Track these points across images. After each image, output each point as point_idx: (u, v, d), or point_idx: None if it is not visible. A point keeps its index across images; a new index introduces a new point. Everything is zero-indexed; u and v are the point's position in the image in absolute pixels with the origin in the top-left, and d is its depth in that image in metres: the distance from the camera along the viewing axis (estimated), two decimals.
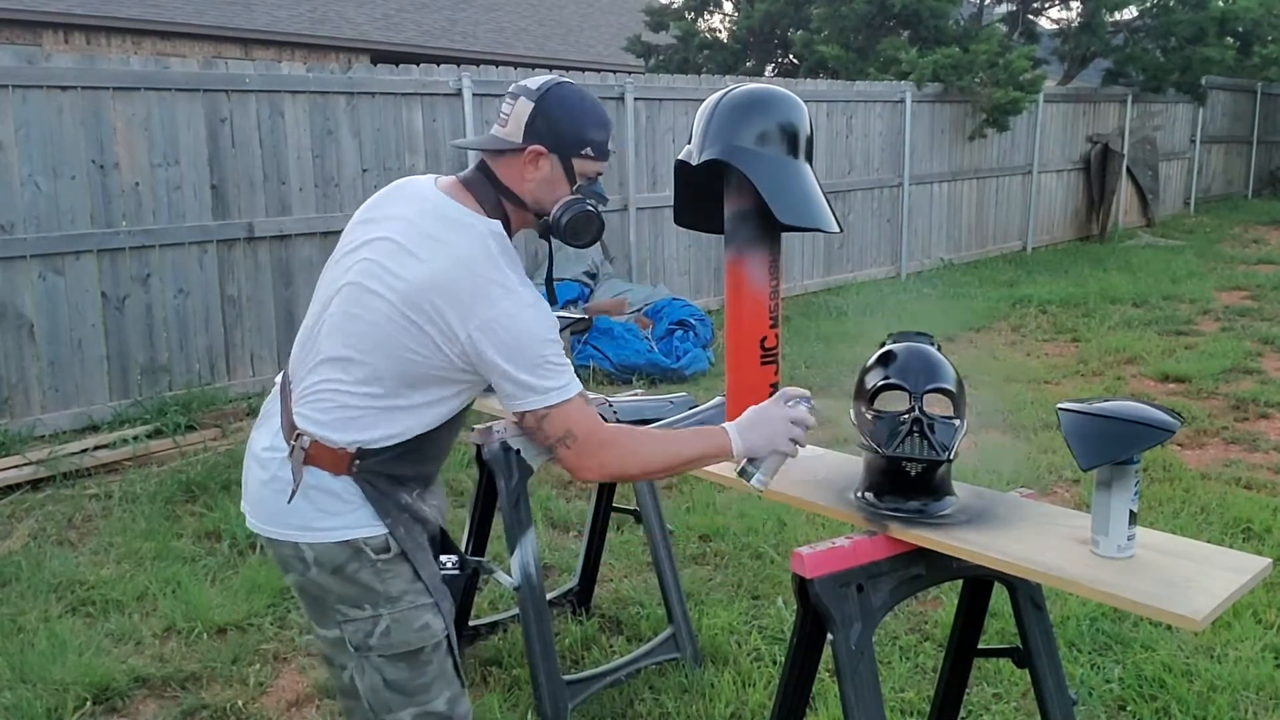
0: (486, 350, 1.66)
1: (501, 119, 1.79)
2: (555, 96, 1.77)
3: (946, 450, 1.77)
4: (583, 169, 1.79)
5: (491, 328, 1.65)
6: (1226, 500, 4.22)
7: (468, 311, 1.65)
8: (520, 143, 1.76)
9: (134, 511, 4.30)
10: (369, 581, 1.75)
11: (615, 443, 1.77)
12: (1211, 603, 1.46)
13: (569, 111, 1.77)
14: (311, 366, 1.78)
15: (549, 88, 1.77)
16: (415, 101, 6.70)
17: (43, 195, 5.25)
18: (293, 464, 1.75)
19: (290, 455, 1.75)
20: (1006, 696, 2.85)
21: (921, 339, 1.90)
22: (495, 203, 1.77)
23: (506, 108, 1.79)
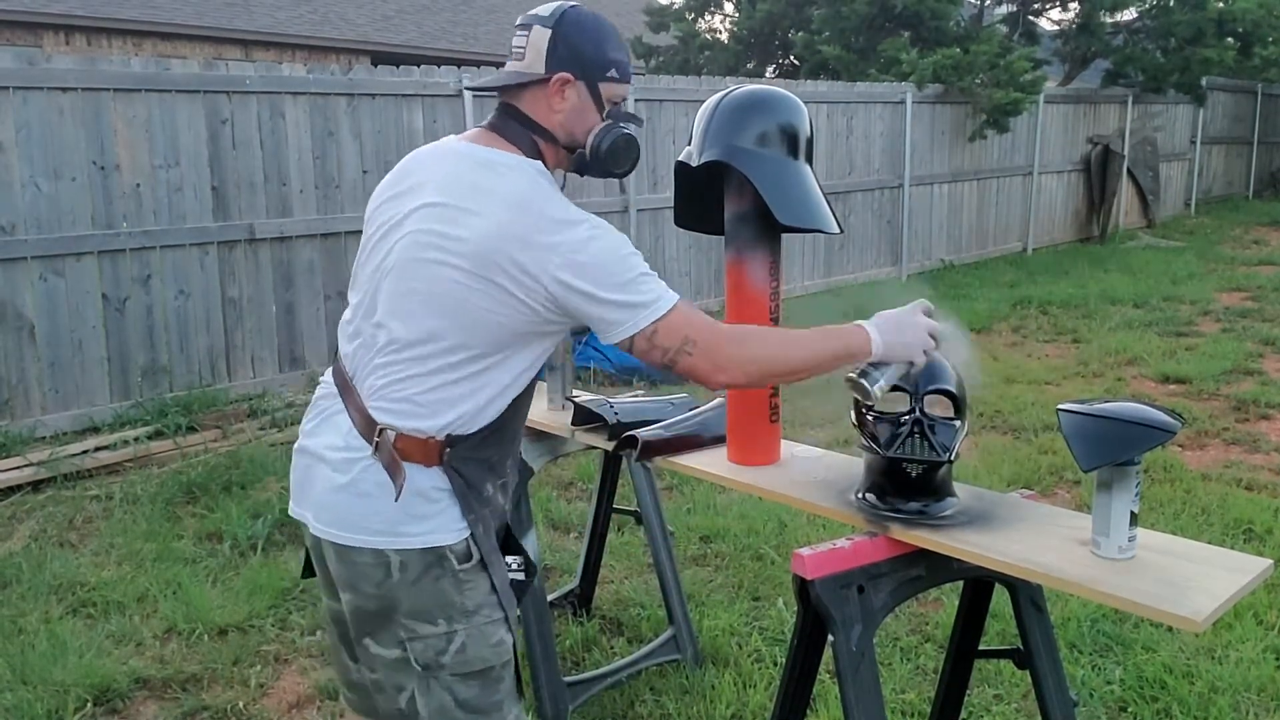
0: (576, 283, 1.55)
1: (516, 53, 1.70)
2: (571, 20, 1.68)
3: (947, 451, 1.77)
4: (609, 93, 1.71)
5: (574, 260, 1.55)
6: (1227, 501, 4.22)
7: (545, 251, 1.55)
8: (544, 72, 1.66)
9: (135, 513, 4.30)
10: (448, 593, 1.64)
11: (743, 339, 1.67)
12: (1212, 604, 1.46)
13: (588, 33, 1.68)
14: (377, 358, 1.66)
15: (563, 11, 1.68)
16: (416, 103, 6.70)
17: (43, 196, 5.25)
18: (383, 462, 1.62)
19: (376, 453, 1.63)
20: (1007, 698, 2.85)
21: None
22: (529, 143, 1.68)
23: (519, 40, 1.69)
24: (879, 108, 10.12)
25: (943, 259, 11.16)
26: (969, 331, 1.80)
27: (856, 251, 10.17)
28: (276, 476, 4.70)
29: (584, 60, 1.67)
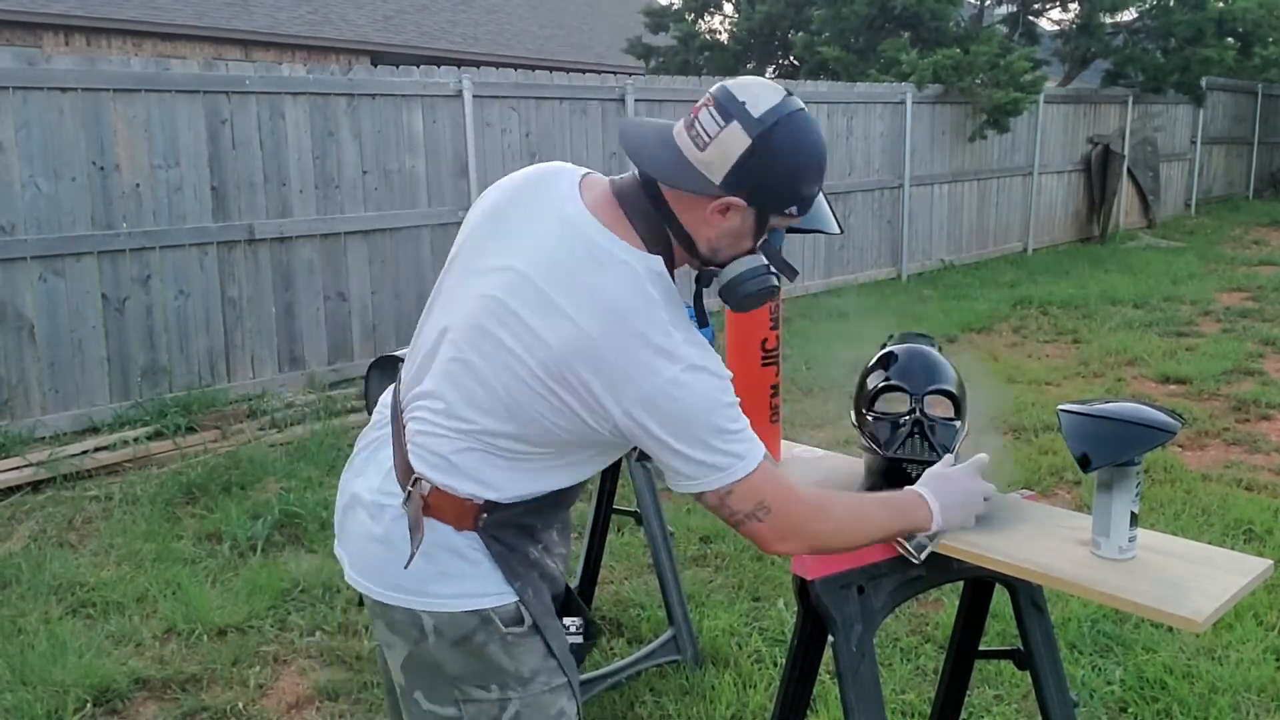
0: (650, 426, 1.37)
1: (697, 134, 1.38)
2: (780, 138, 1.36)
3: (948, 451, 1.77)
4: (777, 224, 1.46)
5: (655, 402, 1.36)
6: (1227, 501, 4.21)
7: (623, 384, 1.35)
8: (718, 187, 1.37)
9: (134, 513, 4.30)
10: (497, 658, 1.48)
11: (816, 517, 1.50)
12: (1213, 604, 1.46)
13: (787, 160, 1.38)
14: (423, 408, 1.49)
15: (775, 122, 1.36)
16: (416, 103, 6.70)
17: (43, 197, 5.25)
18: (410, 514, 1.45)
19: (406, 503, 1.46)
20: (1008, 698, 2.85)
21: (922, 340, 1.90)
22: (660, 236, 1.42)
23: (710, 123, 1.37)
24: (879, 108, 10.12)
25: (943, 259, 11.16)
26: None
27: (857, 252, 10.17)
28: (276, 477, 4.70)
29: (770, 189, 1.39)
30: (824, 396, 5.93)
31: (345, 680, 3.02)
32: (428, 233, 6.79)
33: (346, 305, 6.51)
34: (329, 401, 5.86)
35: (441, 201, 6.85)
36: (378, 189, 6.57)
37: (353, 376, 6.43)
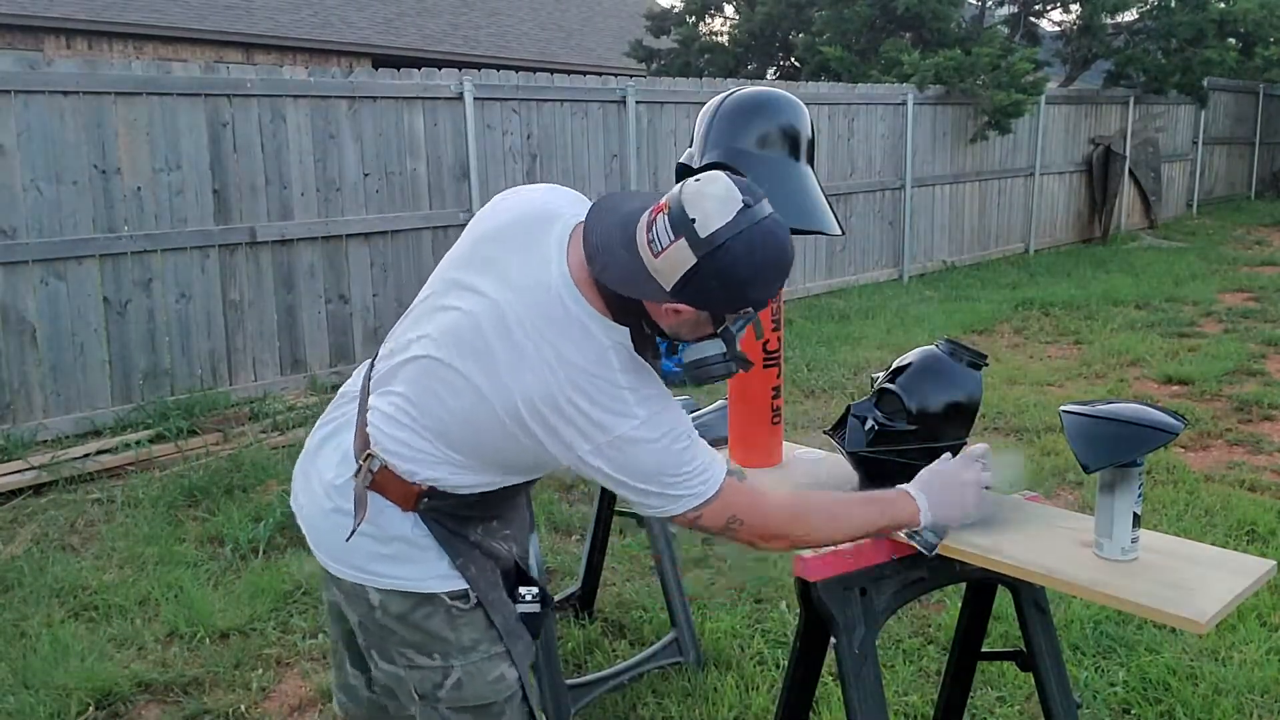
0: (607, 471, 1.48)
1: (653, 240, 1.42)
2: (729, 256, 1.38)
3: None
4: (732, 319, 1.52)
5: (606, 452, 1.46)
6: (1230, 502, 4.21)
7: (580, 434, 1.46)
8: (667, 294, 1.43)
9: (136, 516, 4.30)
10: (439, 629, 1.60)
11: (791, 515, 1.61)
12: (1215, 605, 1.46)
13: (740, 274, 1.40)
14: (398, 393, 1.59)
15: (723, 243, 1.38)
16: (417, 105, 6.71)
17: (45, 200, 5.26)
18: (356, 489, 1.57)
19: (356, 476, 1.58)
20: (1010, 700, 2.85)
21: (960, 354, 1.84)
22: (628, 308, 1.50)
23: (664, 235, 1.41)
24: (880, 109, 10.12)
25: (944, 260, 11.16)
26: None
27: (858, 253, 10.16)
28: (278, 479, 4.70)
29: (714, 302, 1.44)
30: (825, 398, 5.92)
31: None
32: (429, 235, 6.79)
33: (348, 308, 6.52)
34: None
35: (443, 204, 6.86)
36: (379, 191, 6.58)
37: None
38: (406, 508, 1.57)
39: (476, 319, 1.51)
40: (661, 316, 1.50)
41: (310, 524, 1.68)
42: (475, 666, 1.62)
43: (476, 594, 1.60)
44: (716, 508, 1.53)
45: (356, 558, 1.59)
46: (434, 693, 1.62)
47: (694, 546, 3.92)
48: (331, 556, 1.63)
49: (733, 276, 1.40)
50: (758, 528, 1.57)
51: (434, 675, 1.62)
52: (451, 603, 1.60)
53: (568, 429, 1.46)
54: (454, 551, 1.59)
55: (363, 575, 1.60)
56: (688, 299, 1.43)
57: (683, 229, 1.39)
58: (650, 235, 1.43)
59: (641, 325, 1.51)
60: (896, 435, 1.78)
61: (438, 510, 1.58)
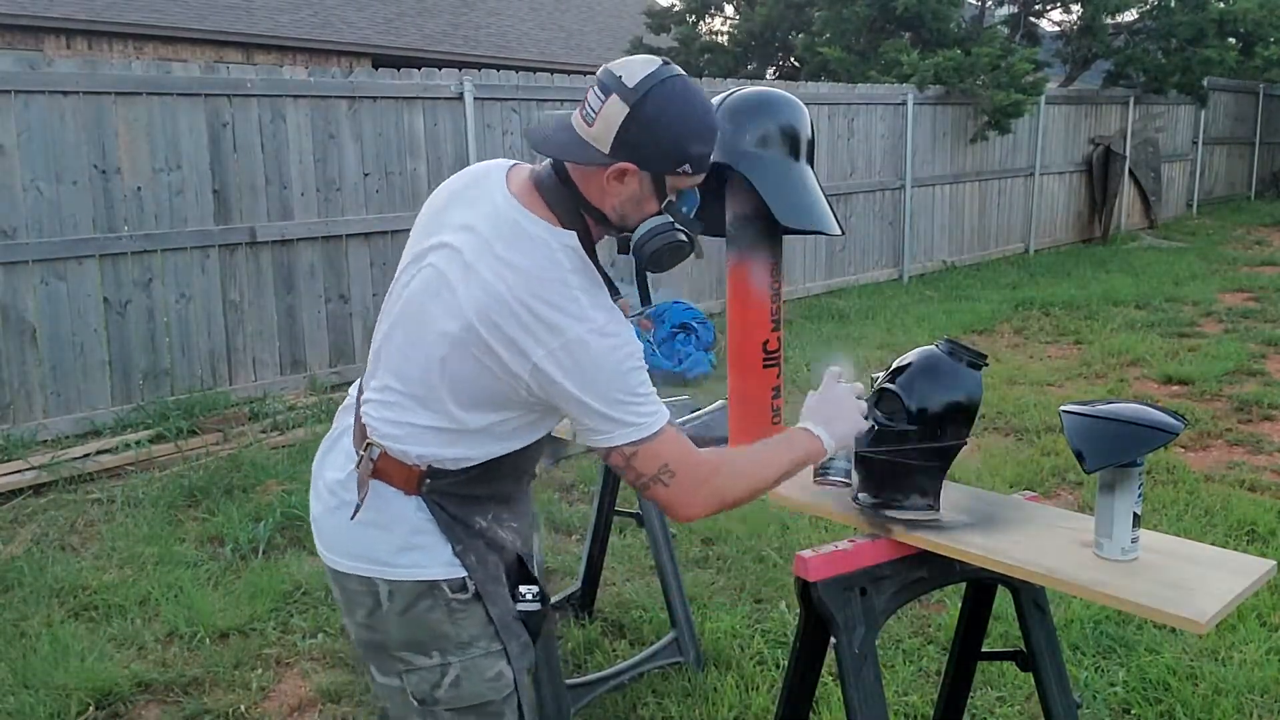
0: (557, 379, 1.47)
1: (586, 113, 1.51)
2: (655, 102, 1.46)
3: None
4: (676, 184, 1.55)
5: (559, 356, 1.46)
6: (1230, 502, 4.21)
7: (534, 339, 1.46)
8: (606, 154, 1.49)
9: (136, 516, 4.30)
10: (439, 624, 1.59)
11: (717, 471, 1.58)
12: (1216, 605, 1.46)
13: (669, 121, 1.47)
14: (380, 376, 1.64)
15: (649, 89, 1.46)
16: (417, 105, 6.71)
17: (45, 200, 5.26)
18: (359, 475, 1.59)
19: (358, 466, 1.60)
20: (1010, 700, 2.85)
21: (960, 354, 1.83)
22: (572, 211, 1.54)
23: (595, 101, 1.49)
24: (880, 109, 10.12)
25: (944, 260, 11.16)
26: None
27: (858, 253, 10.16)
28: (278, 479, 4.70)
29: (654, 153, 1.49)
30: None
31: (347, 683, 3.02)
32: None
33: (348, 308, 6.52)
34: (330, 404, 5.86)
35: None
36: (379, 191, 6.58)
37: (354, 379, 6.32)
38: (410, 491, 1.58)
39: (436, 268, 1.57)
40: (605, 195, 1.53)
41: (319, 526, 1.69)
42: (473, 663, 1.60)
43: (475, 584, 1.59)
44: (653, 449, 1.52)
45: (365, 549, 1.60)
46: (432, 694, 1.61)
47: (694, 547, 3.92)
48: (340, 553, 1.63)
49: (666, 122, 1.47)
50: (686, 481, 1.54)
51: (431, 675, 1.60)
52: (452, 595, 1.59)
53: (522, 335, 1.47)
54: (454, 538, 1.59)
55: (372, 567, 1.59)
56: (627, 154, 1.48)
57: (612, 86, 1.48)
58: (584, 112, 1.52)
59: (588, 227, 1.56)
60: (896, 435, 1.78)
61: (440, 492, 1.59)
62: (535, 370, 1.48)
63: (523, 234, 1.52)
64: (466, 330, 1.50)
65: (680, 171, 1.53)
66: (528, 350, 1.47)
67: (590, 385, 1.48)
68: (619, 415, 1.50)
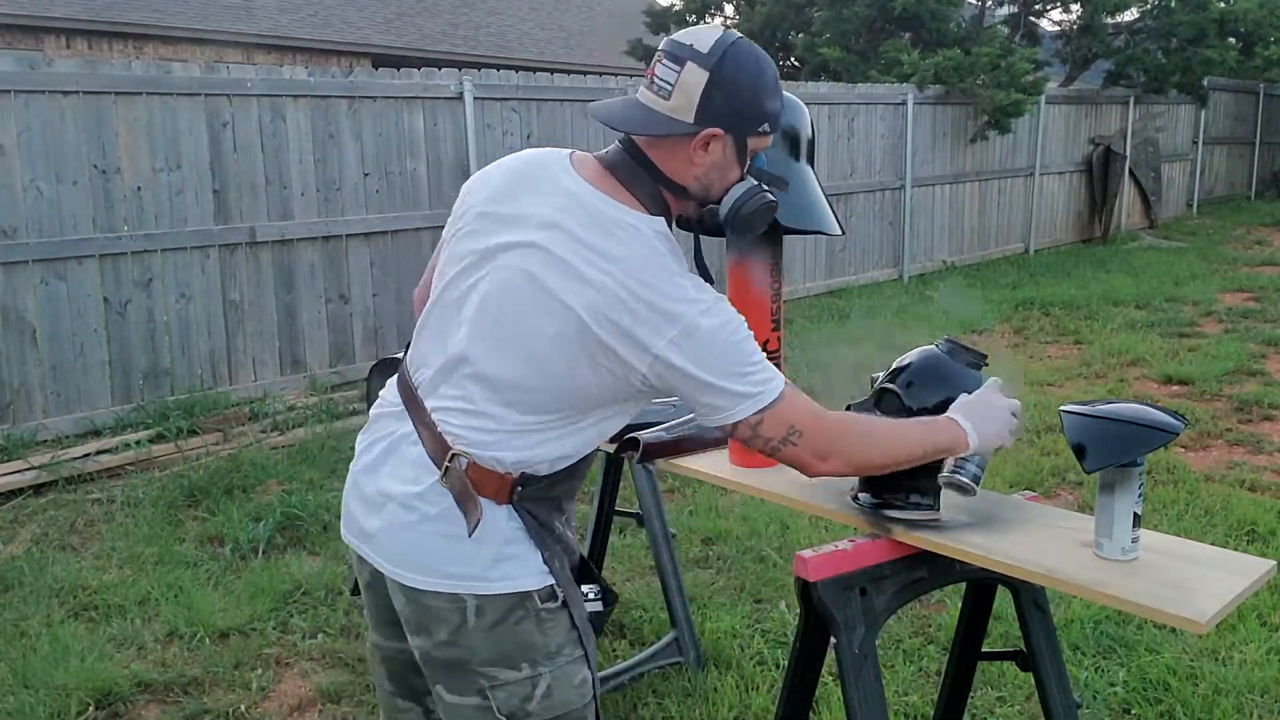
0: (681, 365, 1.44)
1: (659, 87, 1.48)
2: (732, 62, 1.46)
3: None
4: (755, 146, 1.54)
5: (679, 343, 1.44)
6: (1231, 502, 4.21)
7: (652, 330, 1.43)
8: (691, 123, 1.47)
9: (136, 516, 4.30)
10: (529, 635, 1.53)
11: (846, 430, 1.58)
12: (1216, 605, 1.46)
13: (748, 79, 1.47)
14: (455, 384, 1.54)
15: (725, 50, 1.46)
16: (417, 105, 6.71)
17: (45, 200, 5.26)
18: (454, 489, 1.50)
19: (444, 479, 1.51)
20: (1010, 700, 2.85)
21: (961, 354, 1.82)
22: (654, 194, 1.52)
23: (667, 74, 1.47)
24: (880, 109, 10.12)
25: (944, 260, 11.16)
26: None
27: (858, 253, 10.16)
28: (278, 479, 4.70)
29: (739, 113, 1.49)
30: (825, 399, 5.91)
31: (347, 683, 3.02)
32: (429, 235, 6.78)
33: (348, 308, 6.52)
34: (330, 404, 5.86)
35: (443, 204, 6.85)
36: (379, 191, 6.58)
37: (354, 379, 6.43)
38: (501, 501, 1.52)
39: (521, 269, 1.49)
40: (689, 167, 1.51)
41: (391, 542, 1.56)
42: (562, 671, 1.56)
43: (562, 591, 1.56)
44: (779, 413, 1.50)
45: (454, 564, 1.51)
46: (523, 707, 1.54)
47: (694, 547, 3.92)
48: (421, 570, 1.53)
49: (745, 82, 1.47)
50: (815, 441, 1.53)
51: (522, 688, 1.54)
52: (542, 605, 1.54)
53: (640, 327, 1.43)
54: (542, 544, 1.55)
55: (462, 583, 1.51)
56: (712, 120, 1.47)
57: (686, 55, 1.47)
58: (655, 87, 1.49)
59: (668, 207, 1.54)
60: None
61: (530, 499, 1.54)
62: (656, 361, 1.45)
63: (612, 223, 1.48)
64: (580, 331, 1.45)
65: (760, 131, 1.53)
66: (648, 342, 1.44)
67: (712, 366, 1.45)
68: (741, 389, 1.47)
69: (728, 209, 1.55)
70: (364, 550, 1.62)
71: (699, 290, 1.47)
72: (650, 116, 1.50)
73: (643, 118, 1.51)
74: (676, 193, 1.54)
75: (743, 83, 1.47)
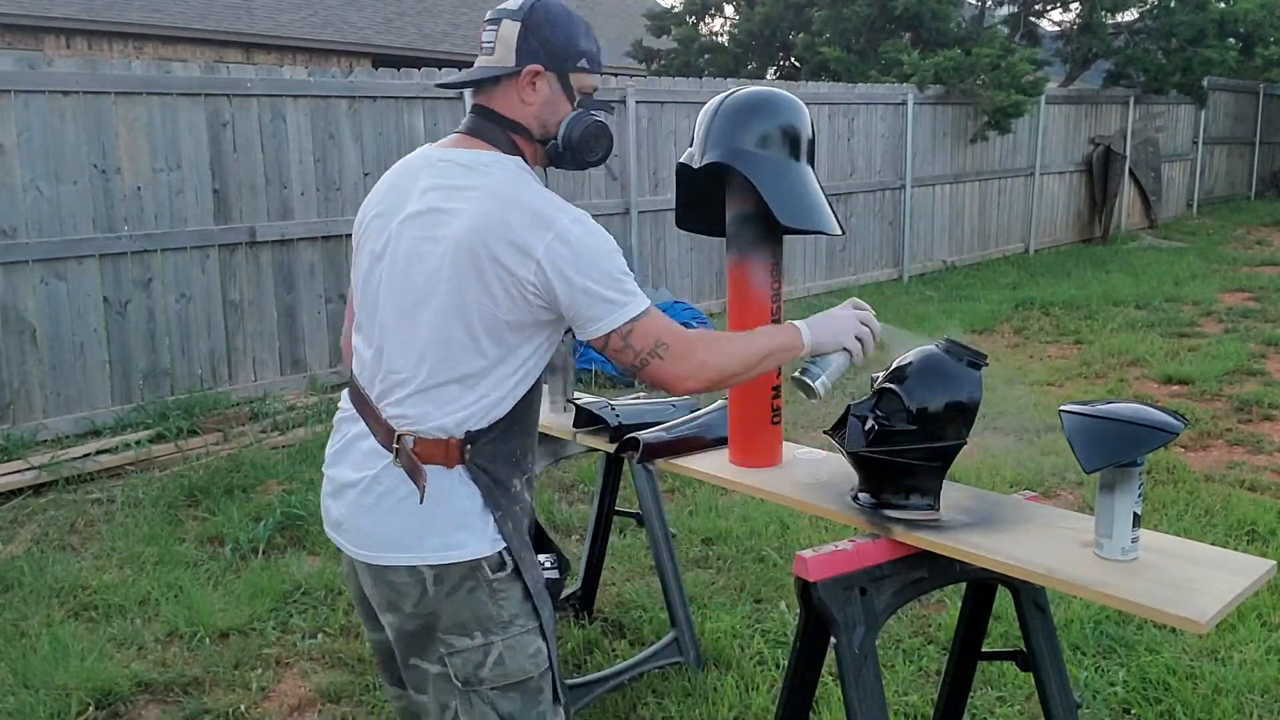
0: (563, 268, 1.55)
1: (485, 48, 1.69)
2: (540, 11, 1.67)
3: None
4: (580, 83, 1.71)
5: (556, 246, 1.55)
6: (1230, 502, 4.21)
7: (530, 238, 1.55)
8: (514, 65, 1.66)
9: (136, 516, 4.30)
10: (483, 604, 1.63)
11: (705, 342, 1.69)
12: (1215, 605, 1.46)
13: (558, 24, 1.68)
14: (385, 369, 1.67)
15: (532, 3, 1.67)
16: (417, 105, 6.71)
17: (45, 200, 5.26)
18: (404, 467, 1.62)
19: (396, 460, 1.63)
20: (1010, 700, 2.85)
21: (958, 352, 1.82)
22: (507, 140, 1.69)
23: (488, 36, 1.69)
24: (880, 109, 10.12)
25: (944, 260, 11.16)
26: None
27: (858, 253, 10.16)
28: (278, 479, 4.70)
29: (553, 51, 1.67)
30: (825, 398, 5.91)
31: (347, 683, 3.02)
32: None
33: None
34: (330, 404, 5.86)
35: None
36: None
37: None
38: (452, 464, 1.62)
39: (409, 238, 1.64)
40: (524, 106, 1.68)
41: (352, 527, 1.69)
42: (515, 640, 1.65)
43: (511, 553, 1.64)
44: (648, 326, 1.60)
45: (405, 537, 1.63)
46: (476, 674, 1.64)
47: (694, 546, 3.93)
48: (381, 547, 1.65)
49: (555, 23, 1.67)
50: (680, 352, 1.63)
51: (476, 655, 1.64)
52: (493, 575, 1.63)
53: (522, 233, 1.55)
54: (496, 505, 1.64)
55: (415, 555, 1.62)
56: (530, 57, 1.66)
57: (500, 16, 1.68)
58: (483, 50, 1.70)
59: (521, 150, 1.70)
60: (896, 435, 1.78)
61: (482, 455, 1.63)
62: (539, 267, 1.55)
63: (475, 163, 1.65)
64: (458, 251, 1.57)
65: (580, 67, 1.70)
66: (530, 247, 1.55)
67: (588, 270, 1.56)
68: (615, 295, 1.58)
69: (561, 133, 1.70)
70: (338, 539, 1.73)
71: (567, 204, 1.62)
72: (481, 71, 1.70)
73: (476, 73, 1.71)
74: (521, 133, 1.70)
75: (553, 25, 1.67)
